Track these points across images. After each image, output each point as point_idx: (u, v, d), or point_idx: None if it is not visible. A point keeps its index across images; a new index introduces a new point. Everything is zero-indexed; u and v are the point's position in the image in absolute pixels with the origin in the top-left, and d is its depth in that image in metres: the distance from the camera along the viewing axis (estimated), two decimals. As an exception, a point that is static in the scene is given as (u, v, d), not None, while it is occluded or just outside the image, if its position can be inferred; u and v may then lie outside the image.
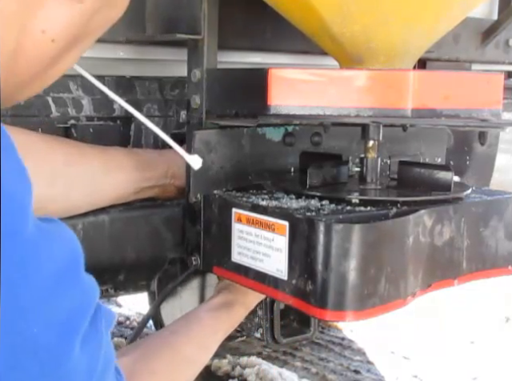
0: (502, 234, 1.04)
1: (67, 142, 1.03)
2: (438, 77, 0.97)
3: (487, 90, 1.00)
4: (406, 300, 0.91)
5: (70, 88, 1.08)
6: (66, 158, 0.99)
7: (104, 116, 1.12)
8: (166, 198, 1.12)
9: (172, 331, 0.99)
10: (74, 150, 1.02)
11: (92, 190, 1.01)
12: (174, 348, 0.95)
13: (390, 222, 0.89)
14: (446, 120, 0.96)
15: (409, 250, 0.90)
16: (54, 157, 0.98)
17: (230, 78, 1.01)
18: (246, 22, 1.20)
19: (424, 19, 0.95)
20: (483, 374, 2.29)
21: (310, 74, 0.93)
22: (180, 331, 0.99)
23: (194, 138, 0.98)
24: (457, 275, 0.99)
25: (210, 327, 1.02)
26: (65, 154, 0.99)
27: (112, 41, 1.07)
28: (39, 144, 0.97)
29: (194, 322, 1.01)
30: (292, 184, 1.03)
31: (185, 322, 1.01)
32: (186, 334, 0.98)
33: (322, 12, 0.93)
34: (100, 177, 1.02)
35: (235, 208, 0.96)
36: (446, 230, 0.96)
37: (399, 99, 0.92)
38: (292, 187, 1.01)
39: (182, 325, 1.01)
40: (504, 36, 1.60)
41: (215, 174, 1.02)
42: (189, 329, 0.99)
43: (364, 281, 0.85)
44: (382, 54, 0.97)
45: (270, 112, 0.92)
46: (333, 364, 2.31)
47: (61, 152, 0.99)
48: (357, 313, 0.85)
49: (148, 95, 1.16)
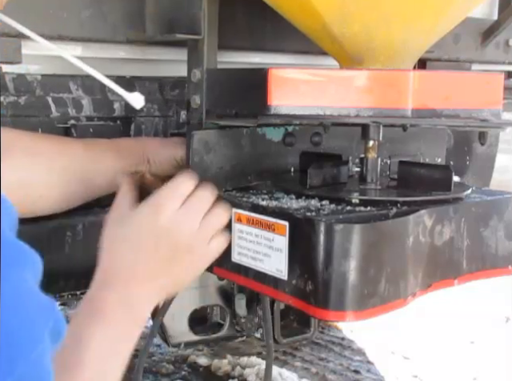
0: (502, 234, 1.04)
1: (52, 136, 1.05)
2: (438, 77, 0.97)
3: (487, 90, 1.00)
4: (406, 300, 0.91)
5: (69, 88, 1.08)
6: (54, 149, 1.00)
7: (104, 116, 1.12)
8: (143, 188, 1.12)
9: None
10: (60, 142, 1.03)
11: (83, 178, 1.02)
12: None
13: (390, 222, 0.89)
14: (446, 120, 0.96)
15: (409, 250, 0.90)
16: (45, 147, 1.00)
17: (230, 78, 1.01)
18: (246, 22, 1.20)
19: (424, 19, 0.95)
20: (483, 374, 2.29)
21: (310, 74, 0.93)
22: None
23: (192, 139, 0.98)
24: (457, 275, 0.99)
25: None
26: (52, 145, 1.01)
27: (112, 41, 1.07)
28: (27, 137, 0.99)
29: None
30: (292, 184, 1.03)
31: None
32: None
33: (322, 12, 0.93)
34: (88, 165, 1.02)
35: (235, 208, 0.96)
36: (446, 230, 0.96)
37: (399, 99, 0.92)
38: (292, 187, 1.01)
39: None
40: (504, 36, 1.60)
41: (214, 174, 1.02)
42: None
43: (364, 281, 0.85)
44: (382, 53, 0.97)
45: (270, 112, 0.92)
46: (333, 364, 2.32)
47: (49, 143, 1.01)
48: (357, 313, 0.85)
49: (148, 95, 1.16)
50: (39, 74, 1.04)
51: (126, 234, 0.88)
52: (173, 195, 0.89)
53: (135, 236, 0.87)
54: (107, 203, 1.09)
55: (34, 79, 1.04)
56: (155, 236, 0.86)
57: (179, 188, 0.89)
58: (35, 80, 1.04)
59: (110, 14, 1.03)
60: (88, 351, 0.77)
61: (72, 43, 1.06)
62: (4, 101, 1.01)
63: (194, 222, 0.88)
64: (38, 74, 1.04)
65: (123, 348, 0.83)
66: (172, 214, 0.87)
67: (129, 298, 0.84)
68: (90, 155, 1.03)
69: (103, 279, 0.85)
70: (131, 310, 0.85)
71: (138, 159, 1.08)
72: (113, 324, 0.82)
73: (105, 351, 0.80)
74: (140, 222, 0.87)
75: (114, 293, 0.83)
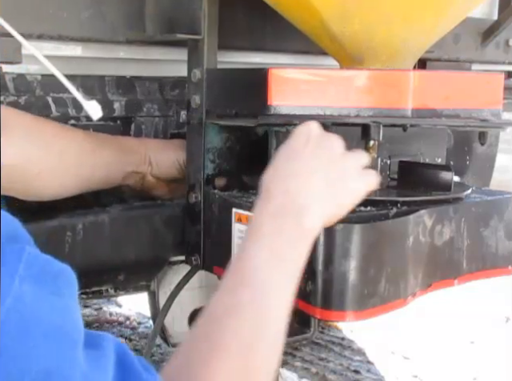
0: (502, 234, 1.04)
1: (50, 120, 1.05)
2: (438, 77, 0.97)
3: (487, 90, 1.00)
4: (406, 300, 0.91)
5: (70, 88, 1.08)
6: (56, 131, 1.00)
7: (104, 116, 1.12)
8: (145, 190, 1.12)
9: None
10: (63, 126, 1.03)
11: (81, 164, 1.02)
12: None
13: (390, 222, 0.89)
14: (446, 120, 0.96)
15: (409, 250, 0.90)
16: (46, 128, 0.99)
17: (230, 78, 1.01)
18: (246, 22, 1.20)
19: (424, 19, 0.95)
20: (483, 374, 2.29)
21: (310, 74, 0.93)
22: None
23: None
24: (457, 275, 0.99)
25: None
26: (55, 127, 1.01)
27: (112, 41, 1.07)
28: (29, 117, 0.99)
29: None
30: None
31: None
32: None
33: (322, 12, 0.93)
34: (89, 152, 1.02)
35: (235, 208, 0.96)
36: (446, 230, 0.96)
37: (399, 99, 0.92)
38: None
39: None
40: (504, 36, 1.60)
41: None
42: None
43: (364, 281, 0.85)
44: (382, 53, 0.97)
45: (270, 112, 0.92)
46: (333, 364, 2.31)
47: (51, 125, 1.01)
48: (357, 313, 0.85)
49: (148, 95, 1.16)
50: (39, 74, 1.04)
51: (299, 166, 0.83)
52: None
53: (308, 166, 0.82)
54: (107, 203, 1.09)
55: (34, 79, 1.04)
56: (326, 166, 0.82)
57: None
58: (35, 80, 1.04)
59: (110, 14, 1.03)
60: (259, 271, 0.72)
61: (72, 43, 1.06)
62: (4, 101, 1.01)
63: (357, 159, 0.86)
64: (37, 74, 1.04)
65: (293, 267, 0.76)
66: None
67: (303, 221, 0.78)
68: (89, 146, 1.03)
69: (278, 208, 0.78)
70: (305, 234, 0.78)
71: (139, 159, 1.08)
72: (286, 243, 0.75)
73: (275, 270, 0.73)
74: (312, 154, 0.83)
75: (291, 217, 0.77)
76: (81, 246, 1.01)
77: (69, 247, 0.99)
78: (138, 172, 1.08)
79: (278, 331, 0.72)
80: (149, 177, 1.10)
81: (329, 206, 0.80)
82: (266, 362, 0.69)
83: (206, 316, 0.69)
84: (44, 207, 1.06)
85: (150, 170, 1.09)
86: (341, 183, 0.82)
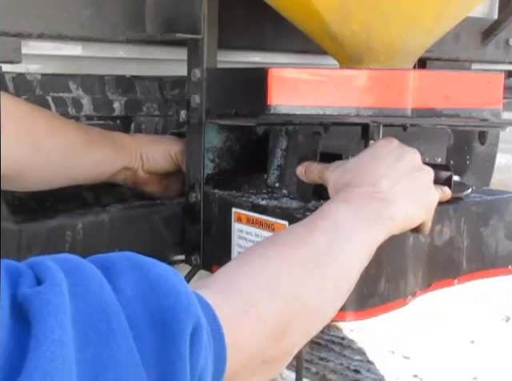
0: (502, 233, 1.04)
1: (49, 112, 1.04)
2: (438, 76, 0.96)
3: (487, 89, 1.00)
4: (406, 300, 0.91)
5: (69, 87, 1.08)
6: (48, 128, 0.99)
7: (104, 115, 1.12)
8: (137, 186, 1.12)
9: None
10: (57, 120, 1.02)
11: (71, 163, 1.01)
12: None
13: (390, 221, 0.89)
14: (446, 120, 0.96)
15: (409, 250, 0.90)
16: (38, 125, 0.98)
17: (230, 78, 1.01)
18: (246, 22, 1.20)
19: (424, 18, 0.95)
20: (483, 374, 2.29)
21: (310, 74, 0.93)
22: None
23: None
24: (457, 275, 0.99)
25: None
26: (47, 123, 1.00)
27: (112, 40, 1.07)
28: (23, 111, 0.97)
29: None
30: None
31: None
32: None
33: (322, 11, 0.93)
34: (80, 150, 1.02)
35: (235, 208, 0.96)
36: (446, 230, 0.96)
37: (399, 99, 0.92)
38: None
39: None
40: (504, 36, 1.60)
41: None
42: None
43: (364, 280, 0.85)
44: (382, 53, 0.97)
45: (269, 112, 0.92)
46: (333, 364, 2.32)
47: (44, 120, 1.00)
48: (357, 313, 0.85)
49: (148, 95, 1.16)
50: (39, 74, 1.04)
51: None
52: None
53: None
54: (107, 203, 1.09)
55: (34, 79, 1.04)
56: (410, 174, 0.86)
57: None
58: (35, 79, 1.04)
59: (110, 14, 1.03)
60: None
61: (72, 43, 1.06)
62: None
63: (432, 173, 0.90)
64: (37, 73, 1.04)
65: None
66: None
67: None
68: (83, 141, 1.02)
69: (365, 193, 0.82)
70: (382, 222, 0.81)
71: (131, 154, 1.08)
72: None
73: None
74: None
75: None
76: (81, 245, 1.01)
77: (69, 247, 0.99)
78: (129, 168, 1.09)
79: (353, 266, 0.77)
80: (140, 172, 1.10)
81: (410, 211, 0.84)
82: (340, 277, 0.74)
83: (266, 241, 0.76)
84: (44, 207, 1.06)
85: (142, 165, 1.10)
86: (422, 193, 0.86)
